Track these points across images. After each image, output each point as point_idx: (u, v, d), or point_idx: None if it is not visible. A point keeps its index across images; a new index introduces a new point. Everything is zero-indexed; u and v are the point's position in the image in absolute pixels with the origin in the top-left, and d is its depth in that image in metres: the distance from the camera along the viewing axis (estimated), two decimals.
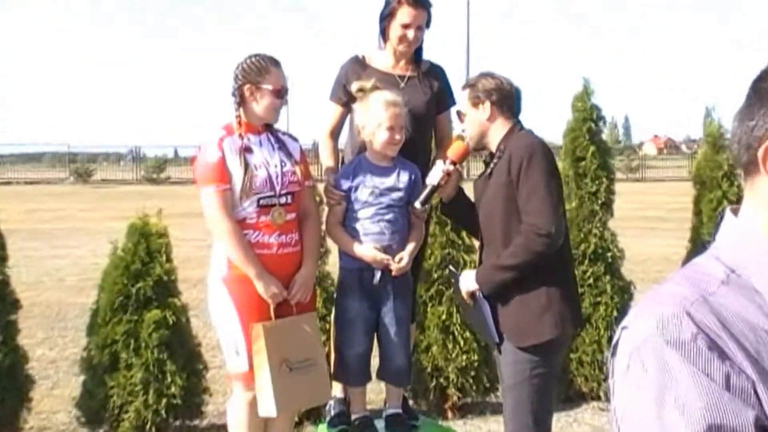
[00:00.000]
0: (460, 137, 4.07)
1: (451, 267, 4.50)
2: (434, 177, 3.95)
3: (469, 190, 4.21)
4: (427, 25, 4.40)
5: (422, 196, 3.99)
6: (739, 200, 3.16)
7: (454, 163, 3.99)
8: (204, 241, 5.53)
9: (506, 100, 3.87)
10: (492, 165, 3.85)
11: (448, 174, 3.95)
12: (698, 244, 6.19)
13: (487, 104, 3.82)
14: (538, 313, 3.80)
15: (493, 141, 3.85)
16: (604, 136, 6.30)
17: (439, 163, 3.97)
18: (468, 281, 3.87)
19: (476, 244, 4.42)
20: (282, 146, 4.14)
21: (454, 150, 4.01)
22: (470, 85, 3.90)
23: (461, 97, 3.99)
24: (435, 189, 3.99)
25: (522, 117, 4.01)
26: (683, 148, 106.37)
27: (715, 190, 6.51)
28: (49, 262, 13.56)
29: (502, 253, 3.78)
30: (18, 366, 5.63)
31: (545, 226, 3.66)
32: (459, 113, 4.01)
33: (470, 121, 3.89)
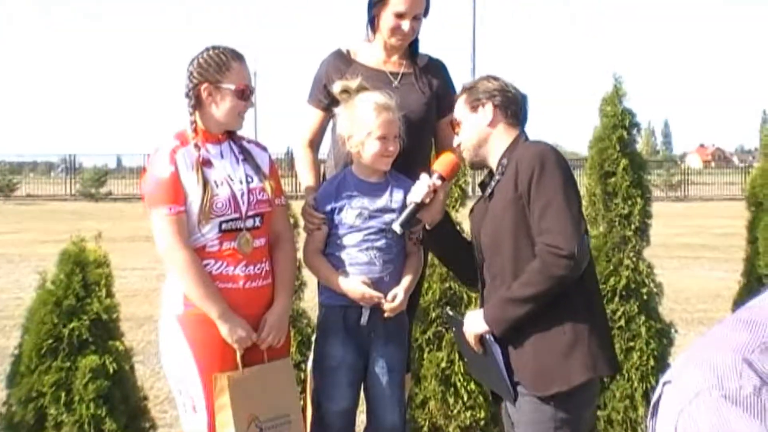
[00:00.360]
0: (453, 150, 4.10)
1: (448, 310, 4.50)
2: (417, 193, 3.95)
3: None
4: (425, 13, 4.41)
5: (402, 217, 3.99)
6: None
7: (442, 179, 4.00)
8: (153, 270, 5.61)
9: (510, 103, 3.91)
10: (494, 183, 3.87)
11: (434, 191, 3.95)
12: (753, 279, 6.21)
13: (489, 106, 3.86)
14: (563, 352, 3.76)
15: (494, 153, 3.87)
16: (639, 146, 6.29)
17: (424, 176, 3.97)
18: (474, 323, 3.83)
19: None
20: (248, 157, 4.11)
21: (442, 162, 4.05)
22: (468, 88, 3.96)
23: (458, 104, 4.03)
24: (418, 208, 3.98)
25: (540, 123, 3.95)
26: (735, 160, 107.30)
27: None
28: None
29: (513, 284, 3.73)
30: None
31: (566, 245, 3.64)
32: (453, 122, 4.02)
33: (468, 128, 3.91)
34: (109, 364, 5.63)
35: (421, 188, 3.96)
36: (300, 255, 4.38)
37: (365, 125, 4.07)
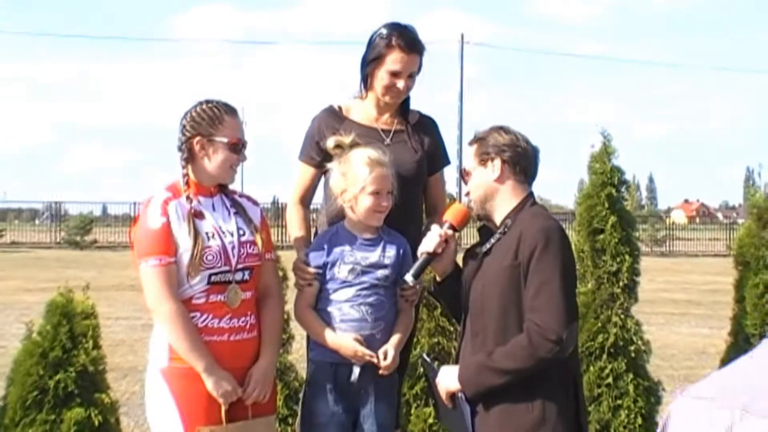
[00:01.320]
0: (455, 201, 4.00)
1: (425, 355, 4.42)
2: (429, 244, 3.90)
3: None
4: (419, 70, 4.43)
5: (414, 268, 3.93)
6: None
7: (453, 228, 3.95)
8: (138, 320, 5.58)
9: (520, 159, 3.86)
10: (494, 240, 3.81)
11: (446, 241, 3.90)
12: (741, 338, 6.13)
13: (498, 162, 3.81)
14: (526, 430, 3.72)
15: (500, 210, 3.84)
16: (627, 204, 6.29)
17: (435, 227, 3.93)
18: (448, 380, 3.79)
19: None
20: (239, 211, 4.10)
21: (453, 212, 3.98)
22: (479, 139, 3.89)
23: (467, 153, 3.98)
24: (430, 259, 3.93)
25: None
26: (719, 216, 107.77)
27: (762, 273, 6.47)
28: None
29: (495, 350, 3.69)
30: None
31: (556, 329, 3.63)
32: (463, 172, 3.97)
33: (475, 182, 3.87)
34: (94, 416, 5.55)
35: (432, 238, 3.92)
36: (290, 309, 4.31)
37: (359, 180, 4.06)
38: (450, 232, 3.95)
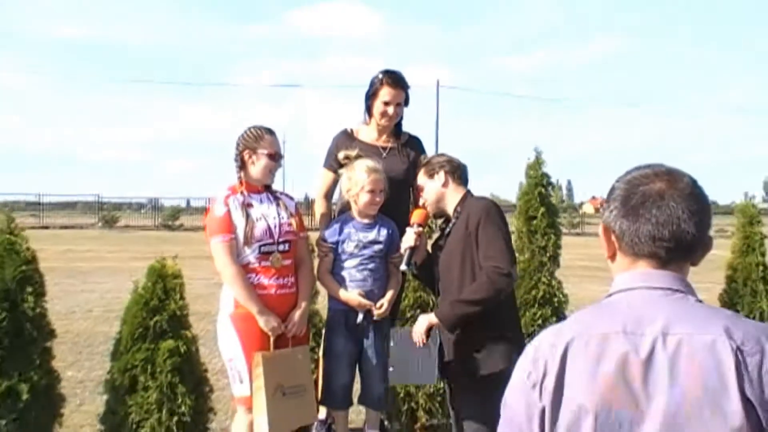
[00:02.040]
0: (419, 207, 4.07)
1: (397, 327, 4.43)
2: (409, 240, 3.91)
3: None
4: (406, 103, 4.37)
5: (404, 259, 3.93)
6: None
7: (420, 226, 3.97)
8: (211, 280, 5.53)
9: (456, 170, 3.89)
10: (450, 226, 3.83)
11: (418, 235, 3.92)
12: None
13: (441, 173, 3.85)
14: (489, 346, 3.70)
15: (450, 205, 3.84)
16: (552, 198, 6.34)
17: (409, 229, 3.94)
18: (426, 319, 3.80)
19: None
20: (279, 203, 4.10)
21: (416, 216, 4.00)
22: (425, 163, 3.95)
23: (419, 175, 3.99)
24: (413, 250, 3.93)
25: (485, 179, 3.87)
26: None
27: None
28: (80, 296, 13.44)
29: (463, 291, 3.68)
30: (51, 386, 5.45)
31: (506, 266, 3.61)
32: (417, 188, 3.99)
33: (428, 191, 3.89)
34: (181, 346, 5.57)
35: (410, 236, 3.93)
36: (315, 272, 4.31)
37: (359, 182, 4.07)
38: (419, 229, 3.96)
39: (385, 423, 4.72)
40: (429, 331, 3.79)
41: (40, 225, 38.87)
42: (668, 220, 1.59)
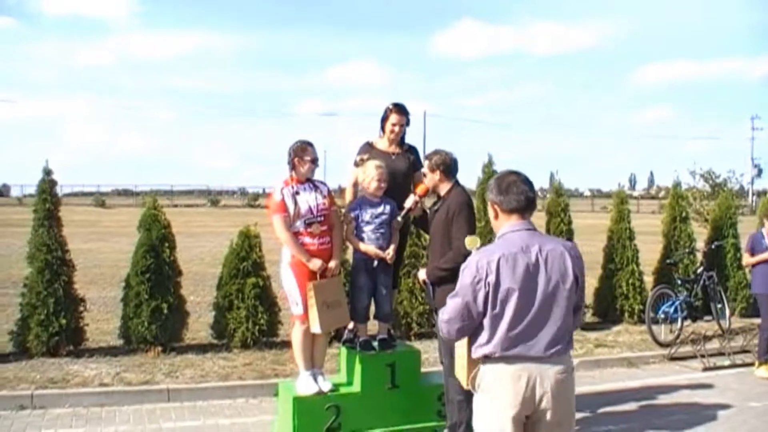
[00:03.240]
0: (423, 183, 4.61)
1: (419, 274, 4.70)
2: (409, 202, 4.60)
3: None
4: (408, 123, 5.02)
5: (402, 214, 4.59)
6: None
7: (420, 196, 4.59)
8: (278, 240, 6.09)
9: (449, 169, 4.47)
10: (439, 204, 4.48)
11: (416, 202, 4.58)
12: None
13: (438, 173, 4.46)
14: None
15: (442, 190, 4.51)
16: None
17: (411, 196, 4.62)
18: (422, 274, 4.51)
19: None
20: (317, 189, 4.60)
21: (419, 189, 4.62)
22: (428, 157, 4.53)
23: (426, 164, 4.54)
24: (408, 210, 4.59)
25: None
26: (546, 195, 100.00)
27: (555, 218, 8.43)
28: (196, 250, 16.39)
29: (440, 260, 4.34)
30: (180, 306, 7.04)
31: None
32: (423, 174, 4.59)
33: (428, 179, 4.53)
34: (260, 282, 7.12)
35: (410, 200, 4.58)
36: (344, 235, 4.78)
37: (370, 175, 4.63)
38: (418, 198, 4.59)
39: (391, 331, 5.20)
40: (424, 282, 4.48)
41: (171, 204, 45.51)
42: (521, 192, 2.74)
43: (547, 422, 2.72)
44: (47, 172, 6.95)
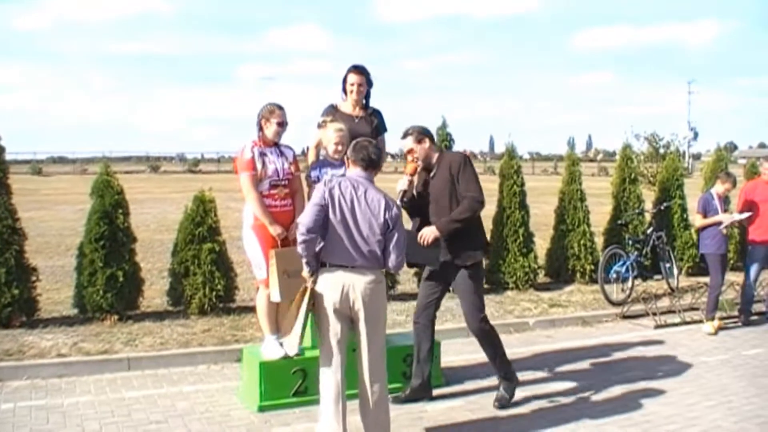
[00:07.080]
0: (411, 161, 4.76)
1: (409, 227, 4.73)
2: (402, 185, 4.70)
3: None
4: (370, 84, 5.13)
5: (398, 198, 4.62)
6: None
7: (411, 175, 4.76)
8: (241, 202, 6.32)
9: (432, 137, 4.84)
10: (434, 171, 4.71)
11: (410, 182, 4.74)
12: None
13: (426, 141, 4.74)
14: (473, 246, 4.63)
15: (432, 159, 4.76)
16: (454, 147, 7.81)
17: (404, 177, 4.73)
18: (431, 230, 4.60)
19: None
20: (282, 153, 4.79)
21: (409, 168, 4.76)
22: (410, 133, 4.73)
23: (407, 141, 4.72)
24: (404, 191, 4.71)
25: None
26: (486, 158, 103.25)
27: (508, 180, 8.72)
28: (140, 217, 15.84)
29: (452, 213, 4.54)
30: (136, 273, 7.10)
31: (479, 196, 4.54)
32: (411, 150, 4.70)
33: (419, 151, 4.73)
34: (217, 247, 7.19)
35: (403, 182, 4.69)
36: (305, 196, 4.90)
37: (329, 137, 4.79)
38: (410, 178, 4.73)
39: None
40: (435, 239, 4.57)
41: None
42: (366, 152, 3.85)
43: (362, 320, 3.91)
44: None
